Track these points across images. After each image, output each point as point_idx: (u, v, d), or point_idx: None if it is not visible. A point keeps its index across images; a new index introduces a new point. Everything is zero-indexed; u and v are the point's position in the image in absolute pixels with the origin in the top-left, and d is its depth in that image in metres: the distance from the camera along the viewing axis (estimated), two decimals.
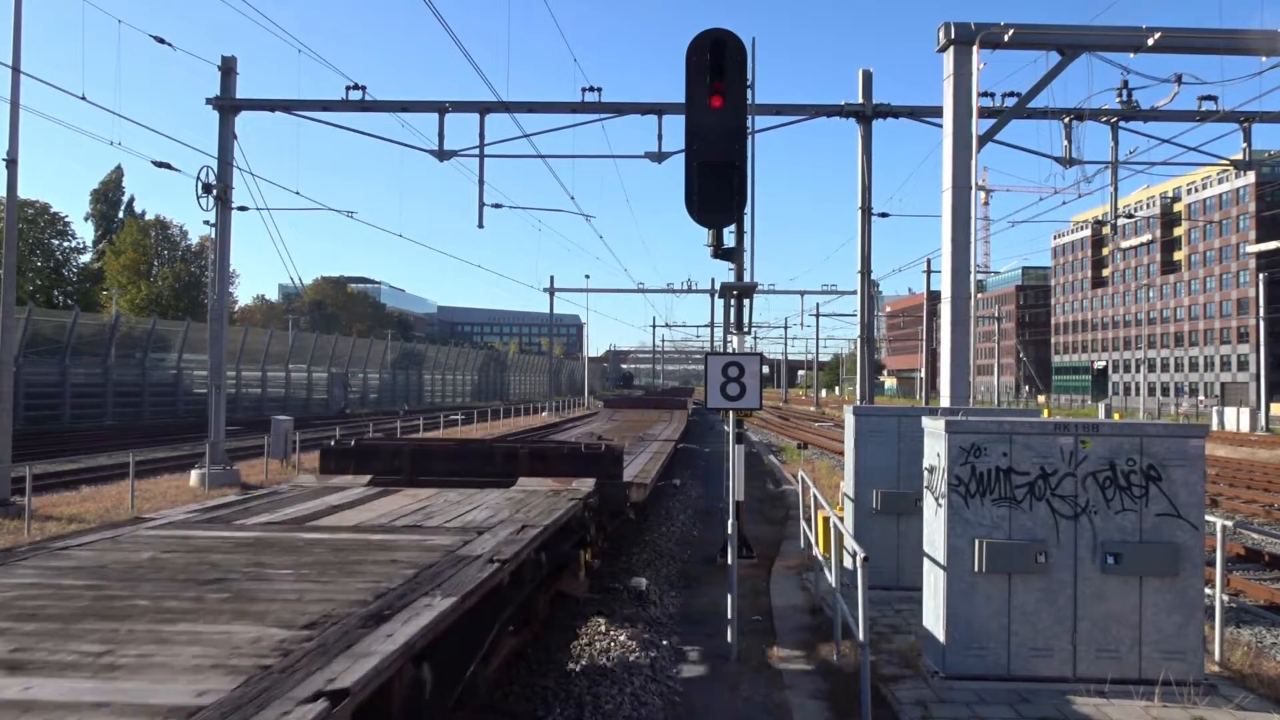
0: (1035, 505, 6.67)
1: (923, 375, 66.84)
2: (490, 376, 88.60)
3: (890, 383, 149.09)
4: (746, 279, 9.56)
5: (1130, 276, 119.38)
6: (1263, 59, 14.99)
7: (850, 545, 6.68)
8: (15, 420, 17.60)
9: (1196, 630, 6.61)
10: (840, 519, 8.49)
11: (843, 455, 11.47)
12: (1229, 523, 7.95)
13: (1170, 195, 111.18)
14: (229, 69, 19.38)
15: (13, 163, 14.52)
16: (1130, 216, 45.42)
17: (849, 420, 10.06)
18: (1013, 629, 6.65)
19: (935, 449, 7.01)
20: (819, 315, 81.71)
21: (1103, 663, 6.60)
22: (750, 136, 9.10)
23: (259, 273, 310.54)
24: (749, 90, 9.06)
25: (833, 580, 7.52)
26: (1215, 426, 48.58)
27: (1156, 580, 6.59)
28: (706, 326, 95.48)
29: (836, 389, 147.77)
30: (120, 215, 75.12)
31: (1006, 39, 13.65)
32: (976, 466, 6.69)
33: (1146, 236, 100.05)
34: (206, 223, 19.95)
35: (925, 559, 7.19)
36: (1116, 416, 50.22)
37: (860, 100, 18.70)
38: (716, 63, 8.60)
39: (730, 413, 8.39)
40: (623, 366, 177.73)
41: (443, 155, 19.35)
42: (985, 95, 16.57)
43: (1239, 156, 19.72)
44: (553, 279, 57.19)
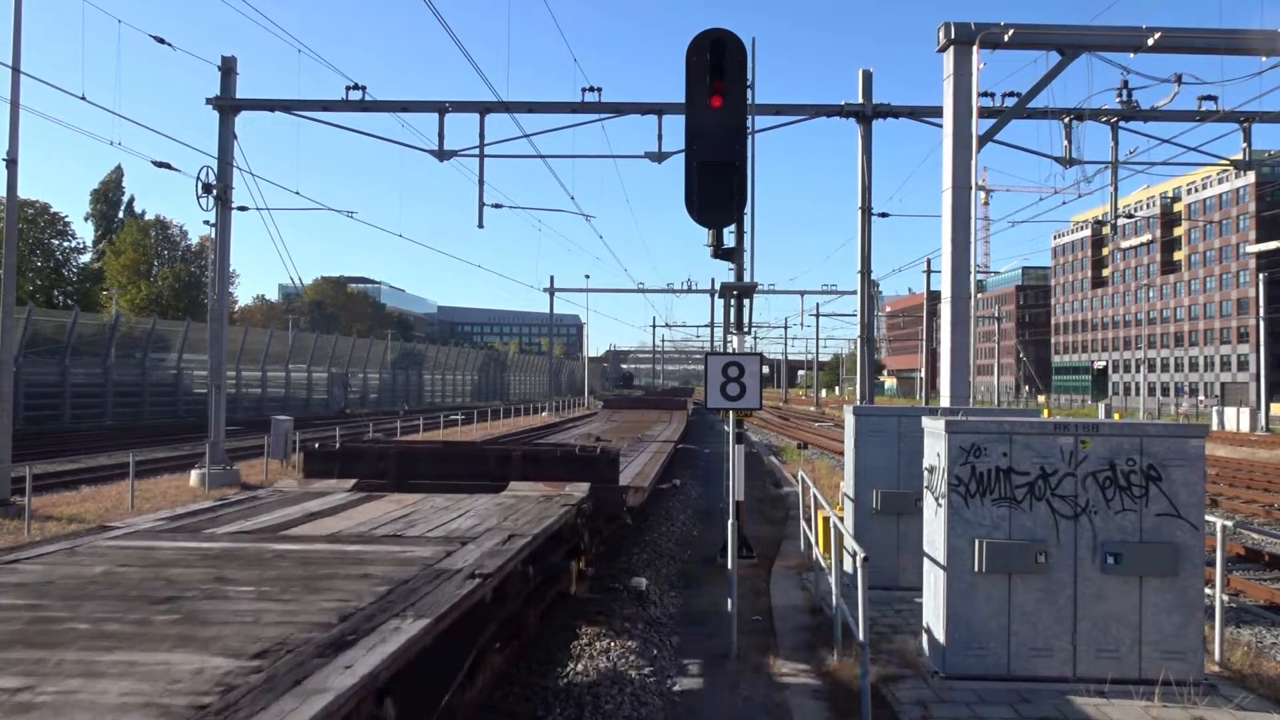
0: (1035, 505, 6.67)
1: (923, 375, 66.82)
2: (490, 377, 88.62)
3: (890, 383, 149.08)
4: (746, 279, 9.58)
5: (1130, 276, 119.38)
6: (1263, 59, 15.00)
7: (850, 545, 6.68)
8: (15, 420, 17.60)
9: (1196, 630, 6.62)
10: (840, 519, 8.49)
11: (842, 455, 11.47)
12: (1229, 523, 7.95)
13: (1170, 195, 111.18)
14: (229, 69, 19.39)
15: (13, 163, 14.53)
16: (1130, 216, 45.41)
17: (849, 420, 10.05)
18: (1013, 629, 6.65)
19: (935, 449, 7.01)
20: (819, 315, 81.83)
21: (1103, 663, 6.60)
22: (750, 136, 9.12)
23: (259, 273, 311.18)
24: (749, 90, 9.08)
25: (833, 580, 7.52)
26: (1215, 426, 48.60)
27: (1156, 580, 6.59)
28: (706, 326, 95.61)
29: (836, 389, 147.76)
30: (120, 215, 75.12)
31: (1006, 39, 13.66)
32: (976, 466, 6.69)
33: (1146, 236, 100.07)
34: (206, 223, 19.97)
35: (925, 559, 7.20)
36: (1116, 416, 50.21)
37: (860, 100, 18.70)
38: (716, 63, 8.62)
39: (730, 413, 8.40)
40: (623, 366, 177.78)
41: (443, 155, 19.36)
42: (985, 95, 16.57)
43: (1239, 156, 19.72)
44: (553, 279, 57.33)
